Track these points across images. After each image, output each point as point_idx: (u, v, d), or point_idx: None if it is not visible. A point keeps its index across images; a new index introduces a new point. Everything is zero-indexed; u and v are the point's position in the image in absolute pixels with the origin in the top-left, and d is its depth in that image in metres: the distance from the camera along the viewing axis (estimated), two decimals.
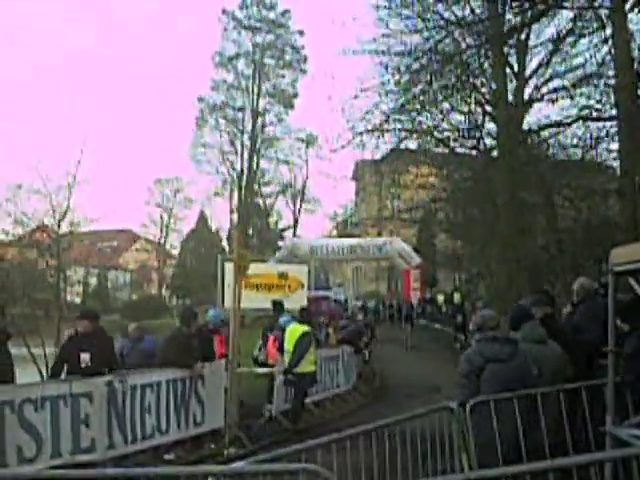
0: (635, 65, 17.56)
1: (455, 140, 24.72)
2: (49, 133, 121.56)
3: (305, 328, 12.72)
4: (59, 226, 57.31)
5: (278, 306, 14.54)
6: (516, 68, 23.33)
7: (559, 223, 22.16)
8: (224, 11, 62.51)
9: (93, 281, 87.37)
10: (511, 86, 23.25)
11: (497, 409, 5.84)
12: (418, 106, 22.05)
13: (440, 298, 39.77)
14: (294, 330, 12.70)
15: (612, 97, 18.81)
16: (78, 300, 77.80)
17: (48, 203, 55.91)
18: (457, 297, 34.87)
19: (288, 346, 12.62)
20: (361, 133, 22.20)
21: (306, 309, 14.20)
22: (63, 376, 9.46)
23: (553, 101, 22.51)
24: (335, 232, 70.18)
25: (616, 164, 20.22)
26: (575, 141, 21.68)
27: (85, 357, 9.40)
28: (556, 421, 5.99)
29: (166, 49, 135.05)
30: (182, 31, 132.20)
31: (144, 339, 12.54)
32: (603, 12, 18.14)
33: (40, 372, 10.80)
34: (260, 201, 66.91)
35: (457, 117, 24.23)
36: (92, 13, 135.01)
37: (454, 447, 5.92)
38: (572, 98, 21.18)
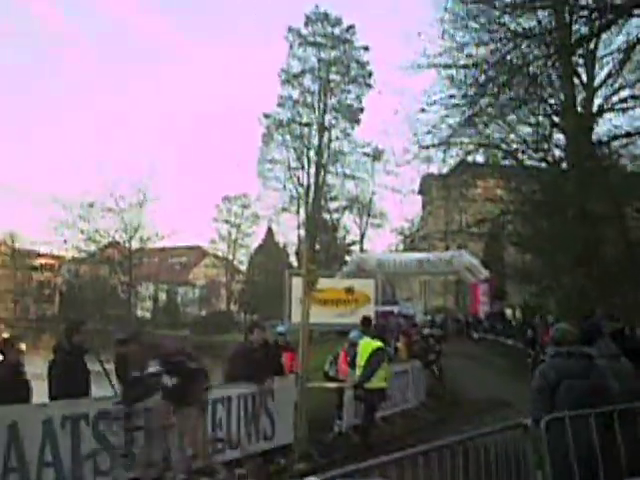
0: None
1: (523, 152, 24.51)
2: (120, 153, 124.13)
3: (378, 344, 12.54)
4: (130, 243, 58.60)
5: (366, 322, 14.28)
6: (585, 78, 23.01)
7: (630, 235, 21.71)
8: (290, 29, 63.23)
9: (163, 297, 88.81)
10: (580, 97, 22.95)
11: (573, 426, 5.72)
12: (485, 119, 21.92)
13: (509, 312, 39.24)
14: (367, 345, 12.51)
15: None
16: (148, 315, 79.28)
17: (120, 220, 57.43)
18: (527, 311, 34.42)
19: (360, 361, 12.50)
20: (428, 147, 22.15)
21: (370, 320, 13.98)
22: None
23: (623, 110, 22.14)
24: (402, 246, 69.91)
25: None
26: None
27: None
28: (633, 439, 5.83)
29: (232, 67, 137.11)
30: (248, 51, 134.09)
31: None
32: None
33: (112, 386, 11.02)
34: (327, 216, 67.17)
35: (525, 129, 24.06)
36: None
37: (528, 465, 5.82)
38: None
